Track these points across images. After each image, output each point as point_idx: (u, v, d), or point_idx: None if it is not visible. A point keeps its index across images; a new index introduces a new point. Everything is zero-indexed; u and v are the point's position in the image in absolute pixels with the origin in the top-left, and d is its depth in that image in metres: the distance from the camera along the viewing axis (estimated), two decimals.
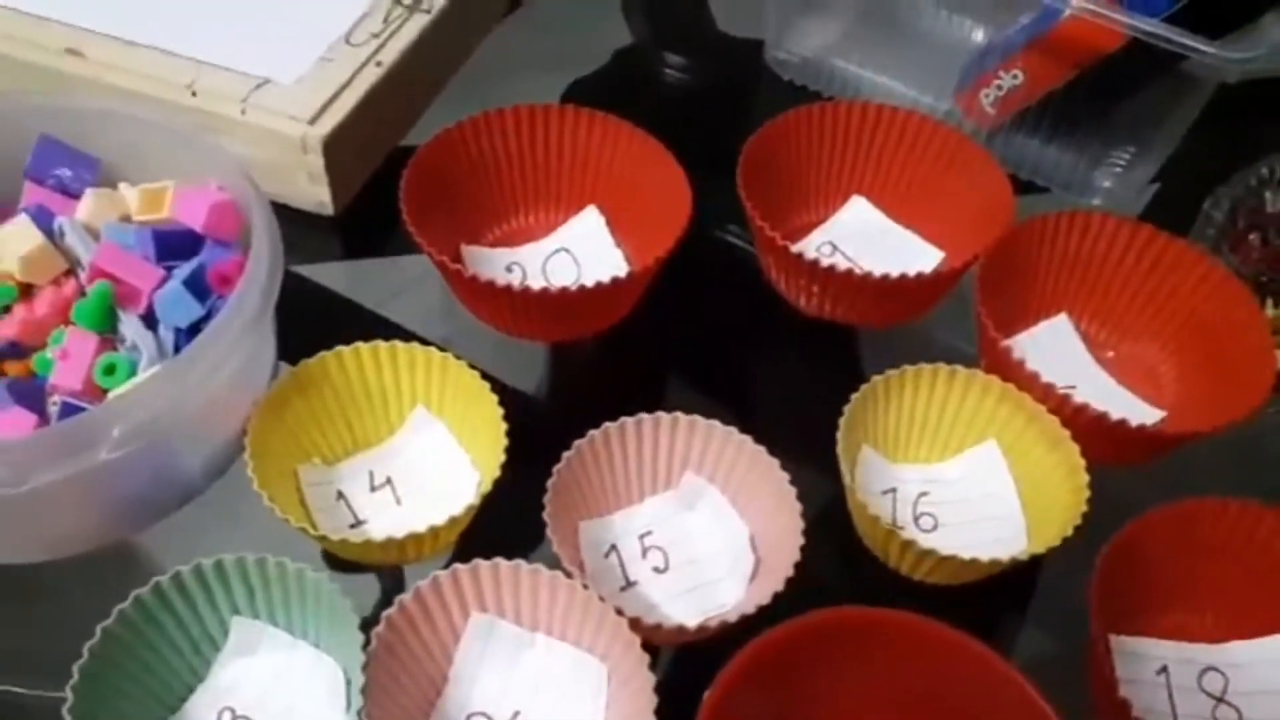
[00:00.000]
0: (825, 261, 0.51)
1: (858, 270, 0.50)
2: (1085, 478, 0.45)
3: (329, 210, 0.59)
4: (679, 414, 0.47)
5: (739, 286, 0.59)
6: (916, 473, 0.50)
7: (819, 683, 0.40)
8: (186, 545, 0.46)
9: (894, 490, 0.49)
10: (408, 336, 0.49)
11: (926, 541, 0.43)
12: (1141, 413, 0.52)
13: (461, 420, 0.49)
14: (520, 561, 0.42)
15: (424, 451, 0.49)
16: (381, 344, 0.48)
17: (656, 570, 0.46)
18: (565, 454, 0.45)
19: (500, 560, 0.42)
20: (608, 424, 0.46)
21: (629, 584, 0.46)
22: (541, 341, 0.55)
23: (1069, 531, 0.43)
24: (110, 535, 0.46)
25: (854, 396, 0.47)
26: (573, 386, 0.56)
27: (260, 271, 0.46)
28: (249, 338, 0.45)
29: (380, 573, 0.47)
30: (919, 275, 0.51)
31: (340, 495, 0.48)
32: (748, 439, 0.46)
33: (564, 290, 0.49)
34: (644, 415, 0.47)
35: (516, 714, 0.42)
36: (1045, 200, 0.64)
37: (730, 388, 0.56)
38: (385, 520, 0.47)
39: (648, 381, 0.56)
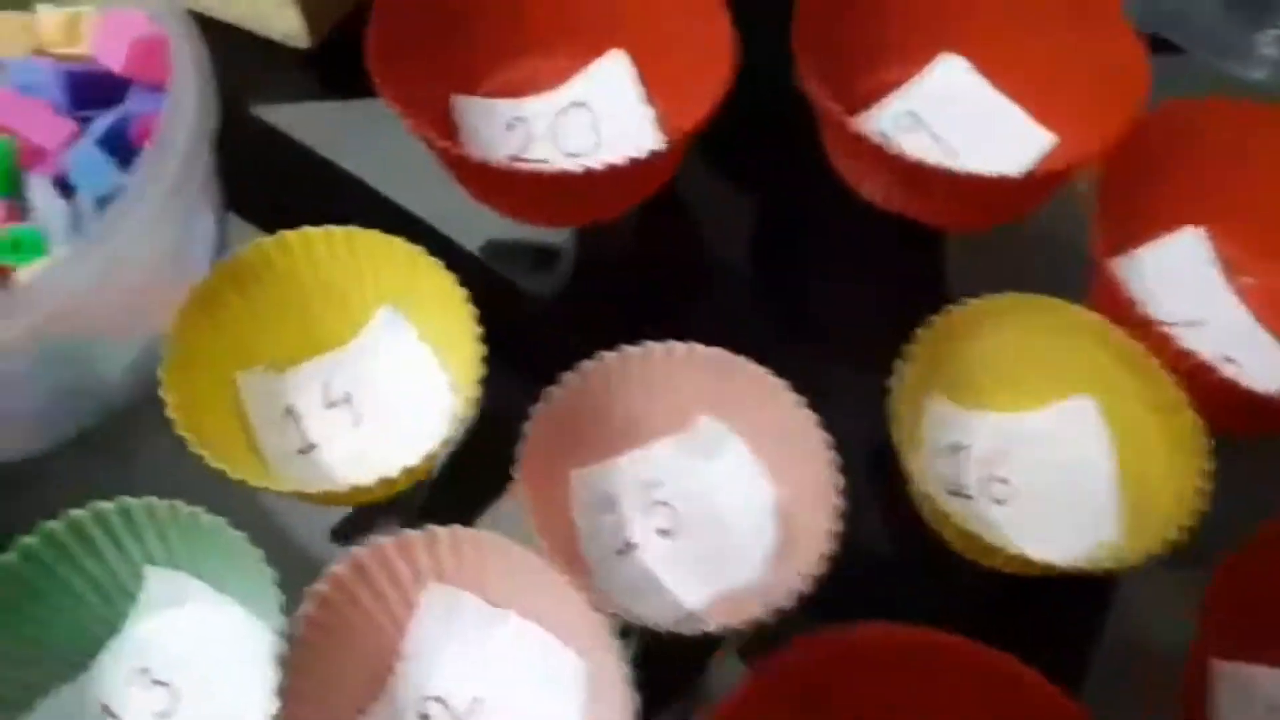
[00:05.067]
0: (895, 145, 0.40)
1: (936, 162, 0.39)
2: (1205, 463, 0.35)
3: (304, 42, 0.49)
4: (695, 345, 0.38)
5: (794, 171, 0.47)
6: (993, 423, 0.40)
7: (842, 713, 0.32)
8: (113, 471, 0.39)
9: (964, 447, 0.40)
10: (395, 212, 0.40)
11: (990, 534, 0.35)
12: None
13: (436, 330, 0.40)
14: (482, 532, 0.34)
15: (391, 362, 0.41)
16: (335, 229, 0.39)
17: (662, 532, 0.38)
18: (550, 389, 0.37)
19: (458, 527, 0.34)
20: (605, 354, 0.37)
21: (628, 547, 0.38)
22: (545, 226, 0.45)
23: (1172, 534, 0.34)
24: (9, 453, 0.39)
25: (919, 332, 0.38)
26: (584, 288, 0.46)
27: (183, 122, 0.37)
28: (174, 208, 0.37)
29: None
30: (1014, 176, 0.40)
31: (289, 411, 0.40)
32: (781, 383, 0.37)
33: (564, 173, 0.39)
34: (652, 344, 0.38)
35: (476, 701, 0.35)
36: (1185, 64, 0.51)
37: (774, 303, 0.46)
38: (339, 446, 0.40)
39: (671, 290, 0.46)
